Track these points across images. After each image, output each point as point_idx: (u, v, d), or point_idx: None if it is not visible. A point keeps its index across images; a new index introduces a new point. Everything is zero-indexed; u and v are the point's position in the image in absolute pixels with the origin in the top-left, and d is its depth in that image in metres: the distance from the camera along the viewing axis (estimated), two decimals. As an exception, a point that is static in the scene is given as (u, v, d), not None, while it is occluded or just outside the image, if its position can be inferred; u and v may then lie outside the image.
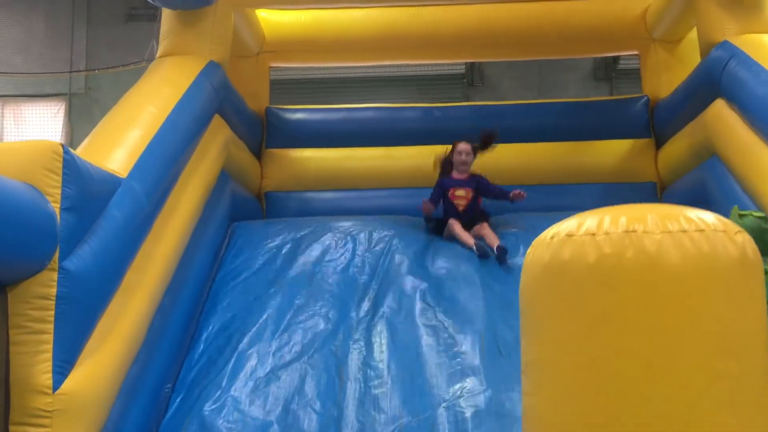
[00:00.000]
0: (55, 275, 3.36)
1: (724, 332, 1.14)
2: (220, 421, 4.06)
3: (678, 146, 6.66)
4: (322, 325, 4.68)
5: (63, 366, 3.35)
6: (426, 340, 4.54)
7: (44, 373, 3.27)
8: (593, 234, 1.20)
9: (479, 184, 5.92)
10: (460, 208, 5.84)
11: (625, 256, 1.17)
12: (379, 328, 4.63)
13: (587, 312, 1.18)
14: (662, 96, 7.08)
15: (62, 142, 12.70)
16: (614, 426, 1.13)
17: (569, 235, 1.22)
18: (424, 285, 5.03)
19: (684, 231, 1.17)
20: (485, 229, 5.62)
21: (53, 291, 3.35)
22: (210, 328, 4.74)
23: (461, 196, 5.87)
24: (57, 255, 3.37)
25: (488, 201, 6.02)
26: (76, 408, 3.37)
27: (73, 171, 3.51)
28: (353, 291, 5.01)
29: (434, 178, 6.77)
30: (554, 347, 1.23)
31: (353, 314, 4.77)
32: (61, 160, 3.45)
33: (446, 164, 6.03)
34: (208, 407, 4.14)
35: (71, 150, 3.58)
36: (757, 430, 1.15)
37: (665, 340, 1.14)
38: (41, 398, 3.24)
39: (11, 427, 3.21)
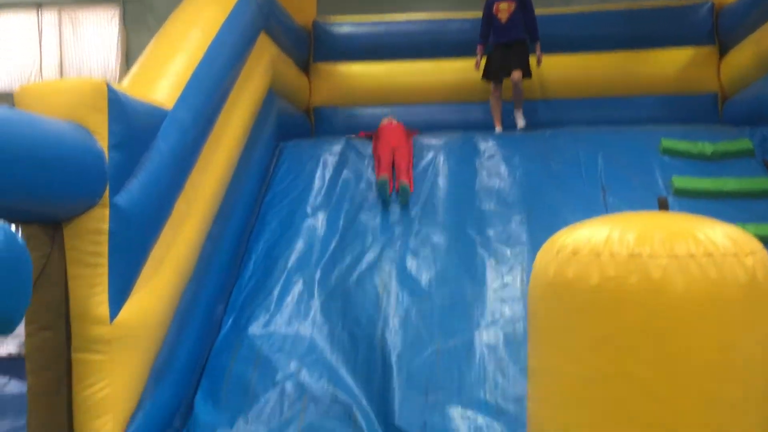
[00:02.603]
0: (106, 211, 3.50)
1: (725, 358, 1.13)
2: (268, 345, 4.27)
3: (743, 55, 6.32)
4: (366, 249, 4.77)
5: (118, 297, 3.54)
6: (467, 266, 4.60)
7: (101, 305, 3.46)
8: (598, 254, 1.19)
9: (524, 2, 6.38)
10: (503, 20, 6.31)
11: (629, 281, 1.16)
12: (422, 253, 4.70)
13: (588, 333, 1.19)
14: (728, 1, 6.66)
15: (118, 48, 12.66)
16: (609, 443, 1.17)
17: (574, 253, 1.21)
18: (468, 209, 5.03)
19: (691, 255, 1.14)
20: (517, 101, 6.26)
21: (105, 226, 3.49)
22: (259, 250, 4.89)
23: (504, 9, 6.31)
24: (107, 192, 3.50)
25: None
26: (133, 336, 3.59)
27: (118, 108, 3.57)
28: (398, 214, 5.05)
29: (481, 91, 6.66)
30: (556, 360, 1.25)
31: (397, 238, 4.83)
32: (106, 98, 3.51)
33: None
34: (256, 331, 4.35)
35: (115, 86, 3.63)
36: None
37: (664, 366, 1.14)
38: (99, 328, 3.45)
39: (73, 354, 3.45)
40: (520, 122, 6.27)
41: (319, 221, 4.99)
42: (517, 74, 6.22)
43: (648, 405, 1.15)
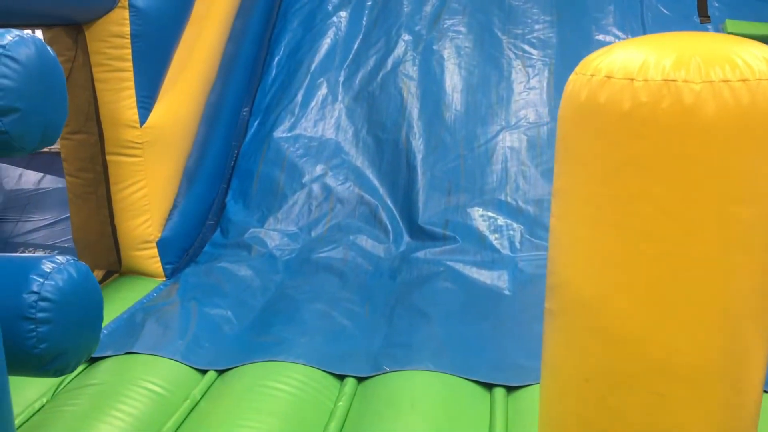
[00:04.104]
0: (126, 13, 3.44)
1: (744, 183, 1.16)
2: (294, 148, 4.36)
3: None
4: (390, 49, 4.67)
5: (146, 101, 3.58)
6: (493, 68, 4.52)
7: (130, 109, 3.52)
8: (632, 79, 1.17)
9: None
10: None
11: (660, 107, 1.15)
12: (447, 53, 4.60)
13: (615, 156, 1.21)
14: None
15: None
16: (625, 257, 1.24)
17: (608, 77, 1.19)
18: (496, 7, 4.83)
19: (726, 81, 1.13)
20: None
21: (127, 29, 3.45)
22: (281, 51, 4.81)
23: None
24: (125, -7, 3.41)
25: None
26: (164, 139, 3.68)
27: None
28: (422, 13, 4.87)
29: None
30: (581, 181, 1.29)
31: (422, 39, 4.71)
32: None
33: None
34: (282, 134, 4.41)
35: None
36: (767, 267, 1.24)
37: (684, 188, 1.17)
38: (131, 131, 3.54)
39: (108, 157, 3.56)
40: None
41: (342, 21, 4.84)
42: None
43: (664, 221, 1.21)
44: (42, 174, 7.34)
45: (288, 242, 4.00)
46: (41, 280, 1.80)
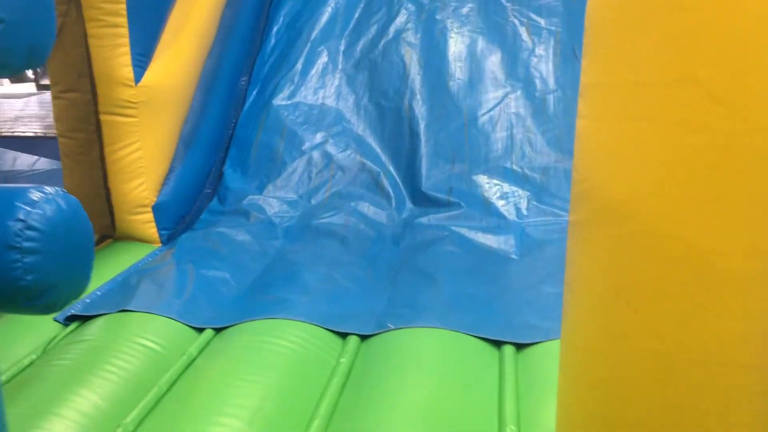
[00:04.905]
0: (120, -33, 3.33)
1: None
2: (293, 116, 4.24)
3: None
4: (392, 18, 4.56)
5: (141, 59, 3.47)
6: (497, 36, 4.41)
7: (125, 66, 3.41)
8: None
9: None
10: None
11: (707, -29, 1.05)
12: (450, 22, 4.49)
13: (654, 35, 1.11)
14: None
15: None
16: (664, 152, 1.13)
17: (650, -57, 1.09)
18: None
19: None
20: None
21: (122, -16, 3.34)
22: (280, 20, 4.70)
23: None
24: (120, -55, 3.30)
25: None
26: (159, 100, 3.57)
27: None
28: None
29: None
30: (614, 70, 1.18)
31: (425, 7, 4.60)
32: None
33: None
34: (281, 102, 4.30)
35: None
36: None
37: (734, 68, 1.07)
38: (126, 90, 3.42)
39: (101, 117, 3.45)
40: None
41: (342, -11, 4.73)
42: None
43: (710, 108, 1.09)
44: (37, 157, 7.27)
45: (287, 209, 3.89)
46: (28, 208, 1.69)
